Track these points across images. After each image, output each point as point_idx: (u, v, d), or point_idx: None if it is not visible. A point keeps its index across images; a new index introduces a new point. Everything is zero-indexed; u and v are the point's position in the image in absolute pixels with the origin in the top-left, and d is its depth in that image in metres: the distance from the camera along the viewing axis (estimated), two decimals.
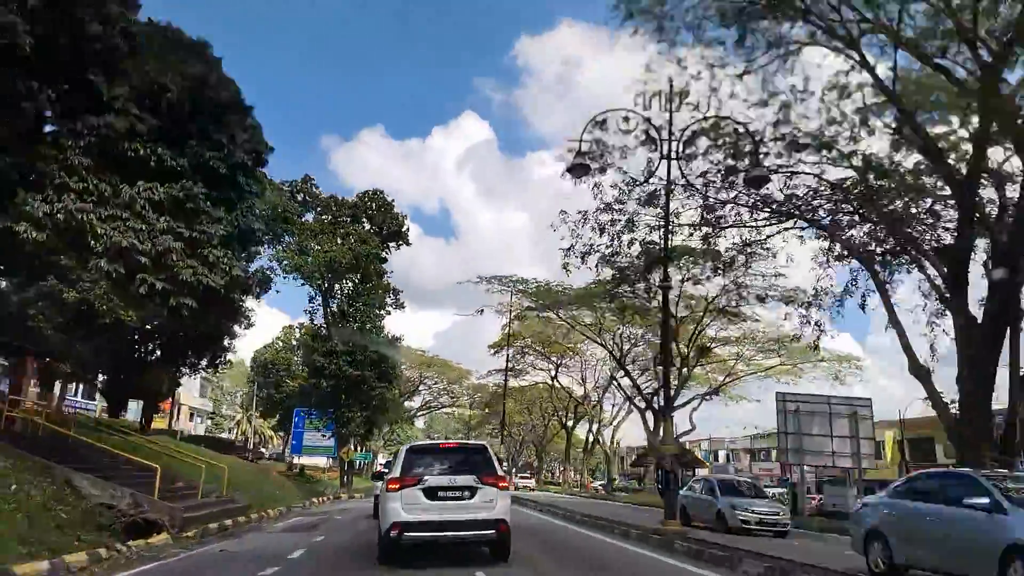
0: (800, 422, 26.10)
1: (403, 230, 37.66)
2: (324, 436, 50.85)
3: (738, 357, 45.93)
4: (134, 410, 40.68)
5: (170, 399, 70.06)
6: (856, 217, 24.29)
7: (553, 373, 62.62)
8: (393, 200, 37.62)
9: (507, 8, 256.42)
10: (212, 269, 16.95)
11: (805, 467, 28.39)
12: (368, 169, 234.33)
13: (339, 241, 33.63)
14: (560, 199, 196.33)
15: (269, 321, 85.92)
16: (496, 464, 10.69)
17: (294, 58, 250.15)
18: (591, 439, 59.08)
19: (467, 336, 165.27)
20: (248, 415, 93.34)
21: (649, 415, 45.53)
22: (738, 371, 46.45)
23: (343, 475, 35.34)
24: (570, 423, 64.57)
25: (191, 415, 78.57)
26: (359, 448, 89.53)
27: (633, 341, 47.54)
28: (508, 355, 41.71)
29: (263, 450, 76.52)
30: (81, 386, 51.69)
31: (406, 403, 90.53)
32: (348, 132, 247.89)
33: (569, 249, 27.98)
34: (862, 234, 25.41)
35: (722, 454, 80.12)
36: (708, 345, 43.86)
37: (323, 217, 36.04)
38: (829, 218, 25.58)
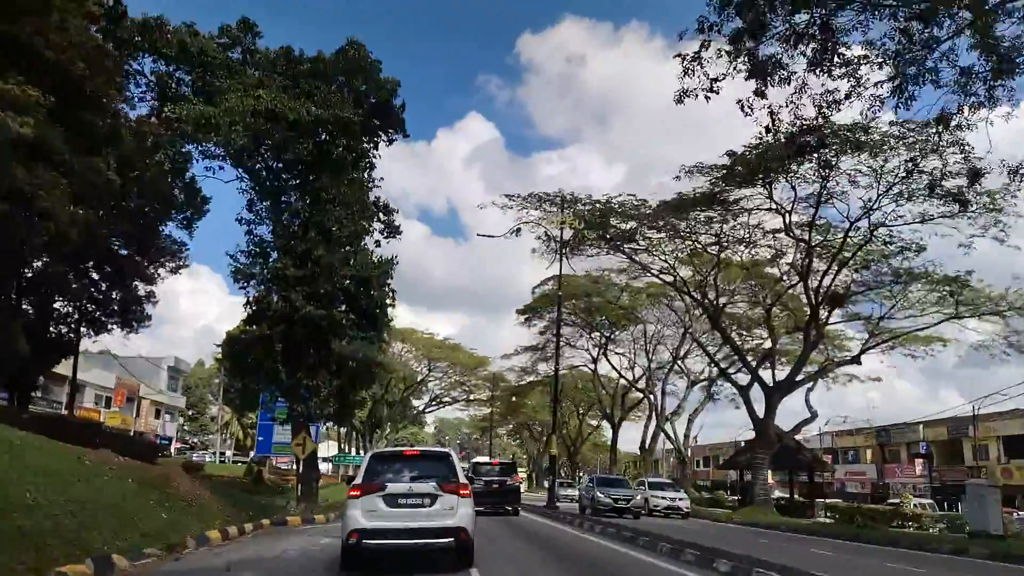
0: None
1: (395, 107, 23.82)
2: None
3: (877, 319, 31.50)
4: None
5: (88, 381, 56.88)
6: None
7: (595, 354, 48.61)
8: (380, 62, 23.79)
9: (508, 6, 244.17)
10: None
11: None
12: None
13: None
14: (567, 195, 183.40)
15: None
16: (459, 471, 10.24)
17: None
18: (650, 433, 44.81)
19: (479, 338, 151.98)
20: (235, 415, 79.96)
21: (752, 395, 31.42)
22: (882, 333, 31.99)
23: (300, 483, 21.37)
24: (617, 415, 50.26)
25: (157, 412, 64.86)
26: (355, 447, 75.57)
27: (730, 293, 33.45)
28: (559, 303, 27.48)
29: (164, 442, 62.36)
30: None
31: (413, 400, 76.98)
32: None
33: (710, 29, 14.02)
34: None
35: None
36: (846, 292, 29.80)
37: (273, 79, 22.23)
38: None
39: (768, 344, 38.16)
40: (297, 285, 19.85)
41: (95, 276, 28.12)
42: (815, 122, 16.56)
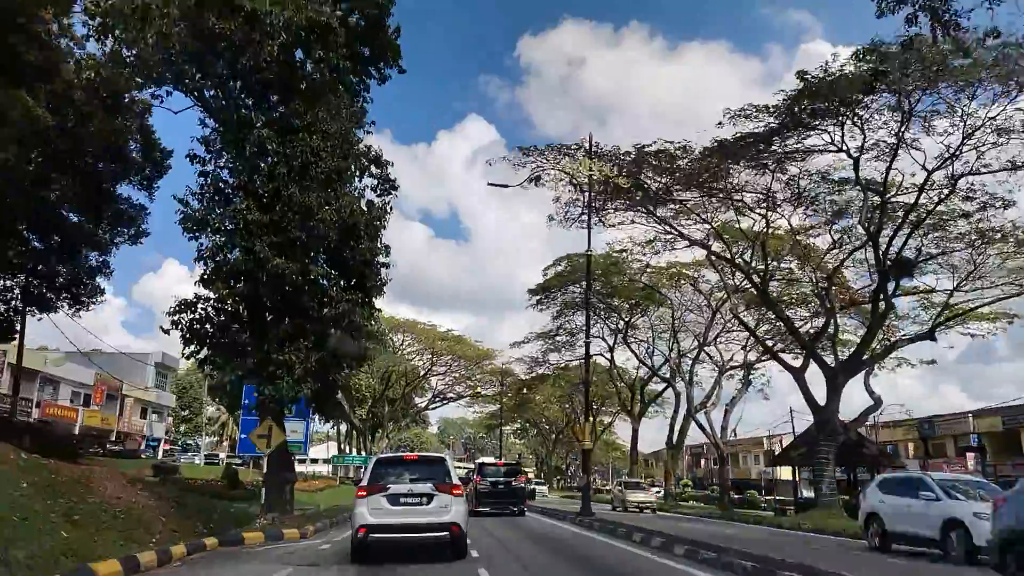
0: None
1: (389, 29, 19.33)
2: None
3: (950, 290, 26.87)
4: None
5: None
6: None
7: (612, 342, 44.00)
8: None
9: (508, 8, 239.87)
10: None
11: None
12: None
13: None
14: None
15: None
16: (453, 474, 11.29)
17: None
18: (677, 427, 40.16)
19: (481, 339, 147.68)
20: (230, 414, 75.45)
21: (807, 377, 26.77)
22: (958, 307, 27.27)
23: (267, 487, 16.70)
24: (636, 407, 45.65)
25: (143, 411, 60.31)
26: (356, 447, 70.79)
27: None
28: (588, 264, 22.61)
29: (153, 443, 58.00)
30: None
31: (415, 398, 72.43)
32: None
33: None
34: None
35: None
36: (916, 257, 25.30)
37: None
38: None
39: (808, 325, 33.83)
40: (263, 233, 15.35)
41: (37, 245, 23.83)
42: None
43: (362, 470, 52.98)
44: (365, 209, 17.02)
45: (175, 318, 16.18)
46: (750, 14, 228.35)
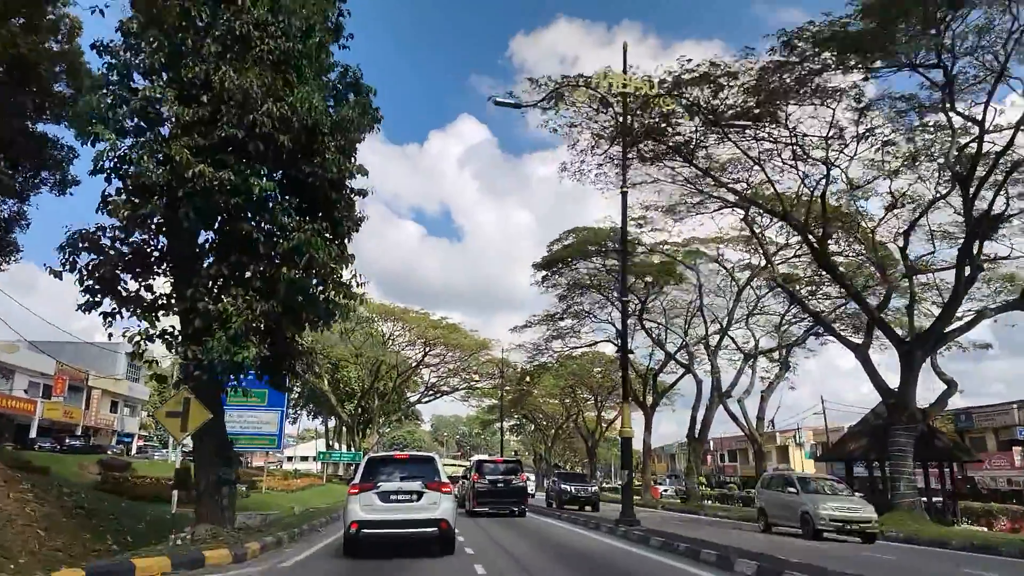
0: None
1: None
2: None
3: None
4: None
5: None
6: None
7: (631, 322, 39.41)
8: None
9: (501, 7, 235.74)
10: None
11: None
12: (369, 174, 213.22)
13: None
14: (562, 198, 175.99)
15: None
16: (442, 472, 11.64)
17: None
18: (700, 417, 35.38)
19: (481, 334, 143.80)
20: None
21: (877, 354, 22.16)
22: None
23: (182, 480, 12.35)
24: (648, 399, 41.10)
25: (113, 404, 55.41)
26: (345, 444, 66.06)
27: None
28: (624, 198, 17.68)
29: (126, 440, 53.39)
30: None
31: (406, 392, 67.84)
32: None
33: None
34: None
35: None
36: (1002, 213, 20.90)
37: None
38: None
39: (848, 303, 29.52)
40: (184, 132, 10.80)
41: None
42: None
43: (352, 467, 48.14)
44: (332, 109, 12.42)
45: (68, 257, 11.58)
46: (743, 13, 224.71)
